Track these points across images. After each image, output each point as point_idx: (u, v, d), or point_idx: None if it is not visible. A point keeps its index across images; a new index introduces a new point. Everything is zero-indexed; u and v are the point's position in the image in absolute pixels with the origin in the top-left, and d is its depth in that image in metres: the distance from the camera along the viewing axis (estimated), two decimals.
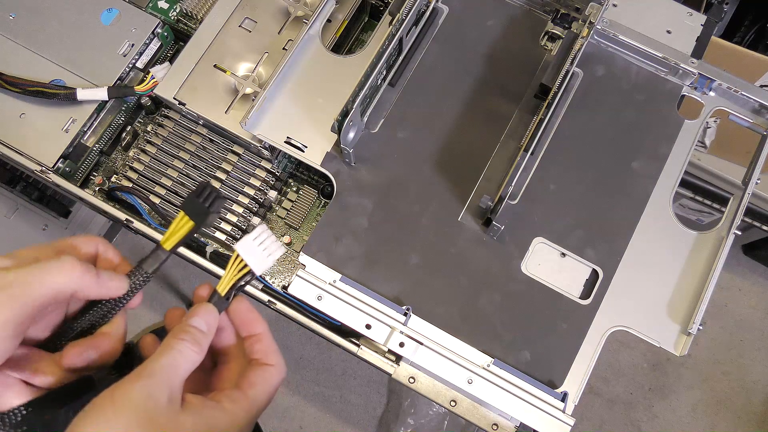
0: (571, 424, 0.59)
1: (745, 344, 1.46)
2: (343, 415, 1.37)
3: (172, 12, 0.79)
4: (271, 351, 0.40)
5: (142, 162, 0.72)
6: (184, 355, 0.35)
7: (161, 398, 0.33)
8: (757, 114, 0.68)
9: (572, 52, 0.65)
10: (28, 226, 1.11)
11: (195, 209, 0.39)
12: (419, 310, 0.62)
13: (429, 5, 0.69)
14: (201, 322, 0.38)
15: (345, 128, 0.62)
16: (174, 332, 0.37)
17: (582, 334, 0.62)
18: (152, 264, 0.39)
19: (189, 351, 0.36)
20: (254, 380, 0.38)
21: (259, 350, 0.40)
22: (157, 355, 0.35)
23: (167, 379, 0.34)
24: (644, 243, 0.65)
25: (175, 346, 0.36)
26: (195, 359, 0.36)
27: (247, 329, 0.41)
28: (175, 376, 0.34)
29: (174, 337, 0.36)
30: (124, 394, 0.32)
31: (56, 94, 0.70)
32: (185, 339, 0.36)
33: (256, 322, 0.41)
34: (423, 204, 0.65)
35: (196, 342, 0.36)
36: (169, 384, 0.34)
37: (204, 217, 0.39)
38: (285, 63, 0.66)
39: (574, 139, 0.68)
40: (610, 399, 1.42)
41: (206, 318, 0.38)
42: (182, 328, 0.37)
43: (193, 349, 0.36)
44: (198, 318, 0.38)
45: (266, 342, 0.40)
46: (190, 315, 0.38)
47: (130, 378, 0.33)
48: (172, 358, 0.35)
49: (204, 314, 0.38)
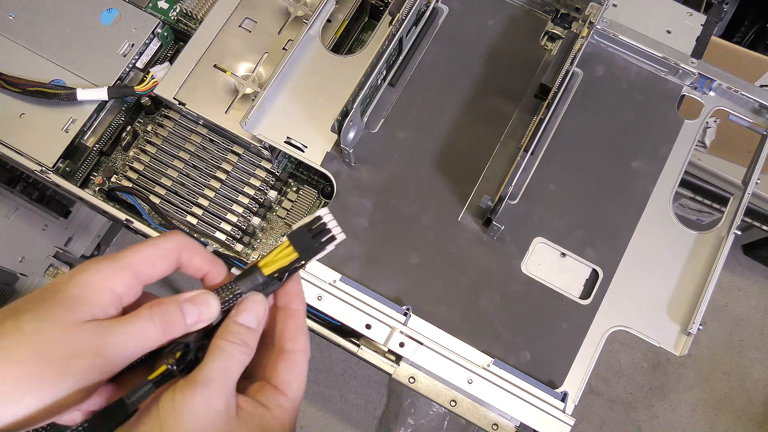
0: (571, 424, 0.58)
1: (745, 344, 1.46)
2: (343, 415, 1.37)
3: (172, 12, 0.79)
4: (301, 332, 0.37)
5: (142, 162, 0.72)
6: (237, 358, 0.34)
7: (219, 406, 0.32)
8: (757, 114, 0.68)
9: (572, 52, 0.65)
10: (28, 226, 1.11)
11: (303, 242, 0.36)
12: (419, 310, 0.62)
13: (429, 5, 0.69)
14: (250, 319, 0.36)
15: (345, 128, 0.62)
16: (223, 332, 0.35)
17: (582, 334, 0.62)
18: (247, 285, 0.36)
19: (240, 353, 0.34)
20: (290, 377, 0.36)
21: (291, 328, 0.37)
22: (208, 358, 0.33)
23: (223, 386, 0.33)
24: (644, 243, 0.65)
25: (226, 348, 0.34)
26: (245, 361, 0.35)
27: (285, 301, 0.38)
28: (230, 382, 0.33)
29: (224, 338, 0.34)
30: (184, 402, 0.31)
31: (56, 94, 0.70)
32: (233, 340, 0.34)
33: (297, 297, 0.38)
34: (423, 204, 0.65)
35: (245, 343, 0.35)
36: (225, 391, 0.33)
37: (310, 254, 0.37)
38: (285, 63, 0.66)
39: (574, 139, 0.68)
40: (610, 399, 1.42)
41: (256, 312, 0.36)
42: (231, 329, 0.35)
43: (244, 351, 0.34)
44: (246, 314, 0.36)
45: (300, 320, 0.38)
46: (238, 310, 0.36)
47: (188, 385, 0.32)
48: (225, 362, 0.34)
49: (253, 309, 0.36)
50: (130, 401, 0.32)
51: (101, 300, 0.32)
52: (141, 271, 0.34)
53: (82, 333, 0.31)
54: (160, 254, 0.35)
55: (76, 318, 0.31)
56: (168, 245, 0.35)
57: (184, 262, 0.36)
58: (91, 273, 0.33)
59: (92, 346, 0.31)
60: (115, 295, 0.33)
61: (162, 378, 0.33)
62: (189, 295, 0.35)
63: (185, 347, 0.34)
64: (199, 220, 0.70)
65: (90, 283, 0.32)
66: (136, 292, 0.35)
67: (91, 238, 1.31)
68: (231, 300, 0.36)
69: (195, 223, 0.70)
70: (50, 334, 0.30)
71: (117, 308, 0.33)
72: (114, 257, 0.34)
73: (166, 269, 0.35)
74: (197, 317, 0.34)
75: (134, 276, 0.34)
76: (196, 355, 0.34)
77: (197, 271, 0.37)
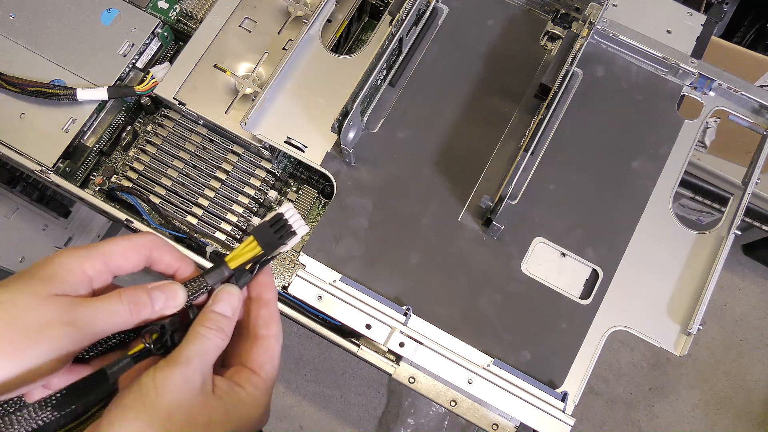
0: (571, 424, 0.59)
1: (745, 344, 1.46)
2: (343, 415, 1.37)
3: (172, 12, 0.79)
4: (273, 319, 0.40)
5: (142, 162, 0.72)
6: (213, 342, 0.37)
7: (196, 383, 0.35)
8: (757, 114, 0.68)
9: (572, 52, 0.65)
10: (28, 226, 1.11)
11: (265, 237, 0.40)
12: (419, 310, 0.62)
13: (429, 5, 0.69)
14: (226, 308, 0.39)
15: (345, 128, 0.62)
16: (201, 319, 0.38)
17: (582, 334, 0.62)
18: (215, 278, 0.40)
19: (216, 338, 0.37)
20: (263, 360, 0.39)
21: (264, 316, 0.40)
22: (187, 342, 0.36)
23: (200, 366, 0.35)
24: (644, 243, 0.65)
25: (203, 333, 0.37)
26: (221, 345, 0.38)
27: (258, 291, 0.41)
28: (207, 363, 0.36)
29: (201, 325, 0.37)
30: (165, 378, 0.34)
31: (56, 94, 0.70)
32: (211, 327, 0.37)
33: (268, 287, 0.41)
34: (423, 204, 0.65)
35: (221, 329, 0.38)
36: (202, 370, 0.35)
37: (272, 248, 0.40)
38: (285, 63, 0.66)
39: (574, 139, 0.68)
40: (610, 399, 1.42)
41: (230, 302, 0.39)
42: (208, 317, 0.38)
43: (220, 336, 0.37)
44: (222, 304, 0.39)
45: (272, 309, 0.41)
46: (214, 300, 0.39)
47: (168, 364, 0.35)
48: (202, 346, 0.36)
49: (228, 299, 0.39)
50: (110, 371, 0.35)
51: (72, 279, 0.35)
52: (112, 260, 0.37)
53: (54, 304, 0.33)
54: (132, 248, 0.38)
55: (48, 291, 0.34)
56: (140, 241, 0.38)
57: (155, 259, 0.39)
58: (66, 256, 0.36)
59: (64, 317, 0.33)
60: (85, 277, 0.36)
61: (140, 355, 0.36)
62: (158, 283, 0.38)
63: (161, 329, 0.37)
64: (199, 220, 0.70)
65: (63, 264, 0.35)
66: (106, 279, 0.37)
67: (91, 238, 1.31)
68: (199, 291, 0.39)
69: (195, 223, 0.70)
70: (24, 304, 0.33)
71: (87, 289, 0.36)
72: (88, 245, 0.37)
73: (136, 263, 0.38)
74: (164, 303, 0.37)
75: (105, 263, 0.37)
76: (172, 338, 0.37)
77: (167, 268, 0.40)
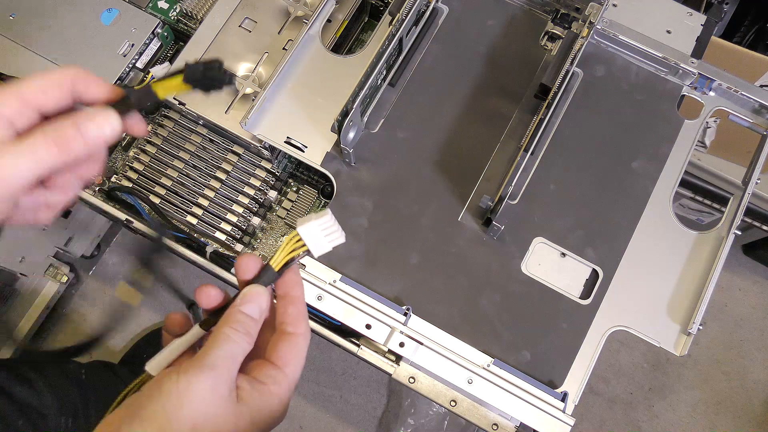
0: (571, 424, 0.58)
1: (745, 344, 1.46)
2: (343, 415, 1.37)
3: (172, 12, 0.79)
4: (301, 317, 0.39)
5: (142, 162, 0.72)
6: (240, 346, 0.35)
7: (224, 391, 0.33)
8: (757, 114, 0.68)
9: (572, 52, 0.65)
10: (27, 225, 1.11)
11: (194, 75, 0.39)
12: (419, 310, 0.62)
13: (429, 5, 0.69)
14: (254, 309, 0.37)
15: (345, 128, 0.62)
16: (227, 319, 0.36)
17: (582, 334, 0.62)
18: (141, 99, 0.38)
19: (243, 341, 0.35)
20: (289, 357, 0.37)
21: (292, 314, 0.38)
22: (214, 344, 0.34)
23: (227, 371, 0.34)
24: (644, 243, 0.65)
25: (230, 335, 0.35)
26: (247, 349, 0.36)
27: (285, 288, 0.39)
28: (234, 368, 0.34)
29: (227, 326, 0.35)
30: (189, 384, 0.32)
31: None
32: (238, 329, 0.35)
33: (296, 285, 0.40)
34: (423, 204, 0.65)
35: (248, 332, 0.36)
36: (229, 376, 0.34)
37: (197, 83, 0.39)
38: (285, 63, 0.66)
39: (574, 139, 0.68)
40: (610, 399, 1.42)
41: (259, 303, 0.37)
42: (236, 318, 0.36)
43: (246, 340, 0.36)
44: (251, 305, 0.37)
45: (300, 306, 0.39)
46: (243, 300, 0.37)
47: (194, 368, 0.33)
48: (230, 349, 0.34)
49: (256, 299, 0.37)
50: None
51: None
52: (31, 97, 0.34)
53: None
54: (51, 82, 0.35)
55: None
56: (58, 73, 0.35)
57: (81, 92, 0.36)
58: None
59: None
60: (3, 119, 0.33)
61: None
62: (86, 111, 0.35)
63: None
64: (199, 220, 0.70)
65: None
66: (29, 118, 0.34)
67: (91, 238, 1.31)
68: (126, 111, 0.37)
69: (195, 223, 0.70)
70: None
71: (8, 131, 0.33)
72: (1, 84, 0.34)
73: (59, 98, 0.35)
74: (97, 131, 0.35)
75: (22, 101, 0.34)
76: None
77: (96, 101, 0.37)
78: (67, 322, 1.35)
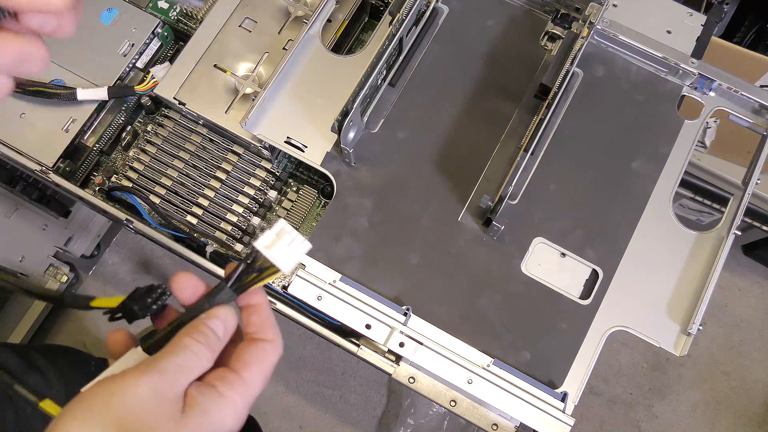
0: (571, 424, 0.58)
1: (745, 344, 1.46)
2: (343, 415, 1.37)
3: (172, 12, 0.79)
4: (267, 325, 0.37)
5: (142, 162, 0.72)
6: (198, 360, 0.33)
7: (167, 397, 0.31)
8: (757, 114, 0.68)
9: (572, 52, 0.65)
10: (28, 226, 1.11)
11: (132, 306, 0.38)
12: (419, 310, 0.62)
13: (429, 5, 0.69)
14: (220, 327, 0.35)
15: (345, 128, 0.62)
16: (190, 330, 0.34)
17: (582, 334, 0.62)
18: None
19: (202, 355, 0.33)
20: (249, 359, 0.35)
21: (256, 323, 0.37)
22: (169, 350, 0.33)
23: (176, 380, 0.32)
24: (644, 243, 0.65)
25: (190, 346, 0.33)
26: (204, 366, 0.34)
27: (245, 299, 0.38)
28: (185, 378, 0.32)
29: (190, 336, 0.34)
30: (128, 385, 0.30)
31: (56, 94, 0.70)
32: (201, 342, 0.34)
33: (255, 293, 0.38)
34: (423, 204, 0.65)
35: (210, 347, 0.34)
36: (177, 384, 0.32)
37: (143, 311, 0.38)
38: (285, 63, 0.66)
39: (574, 139, 0.68)
40: (610, 399, 1.42)
41: (226, 323, 0.35)
42: (200, 329, 0.34)
43: (206, 355, 0.34)
44: (218, 322, 0.35)
45: (263, 314, 0.37)
46: (211, 315, 0.35)
47: (140, 370, 0.31)
48: (186, 359, 0.33)
49: (224, 318, 0.36)
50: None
51: None
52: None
53: None
54: None
55: None
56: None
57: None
58: None
59: None
60: None
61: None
62: None
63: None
64: (199, 220, 0.70)
65: None
66: None
67: (91, 238, 1.31)
68: None
69: (195, 223, 0.70)
70: None
71: None
72: None
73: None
74: None
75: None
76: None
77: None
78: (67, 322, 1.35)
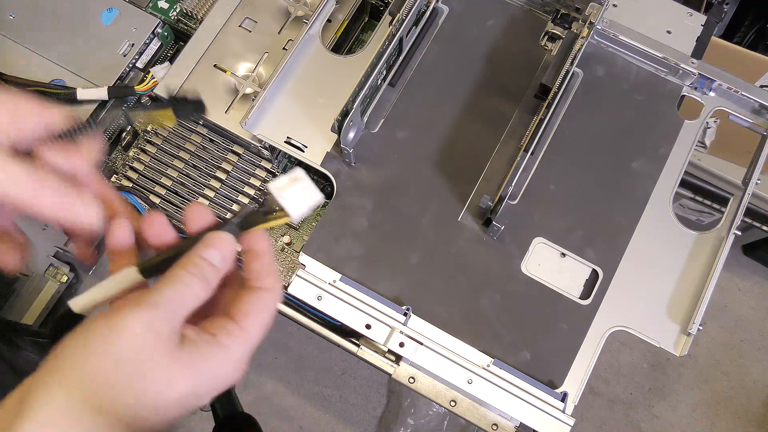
0: (571, 424, 0.58)
1: (745, 344, 1.46)
2: (343, 415, 1.37)
3: (172, 12, 0.79)
4: (267, 272, 0.36)
5: (142, 162, 0.72)
6: (192, 290, 0.32)
7: (161, 331, 0.30)
8: (757, 114, 0.68)
9: (572, 52, 0.65)
10: (28, 225, 1.11)
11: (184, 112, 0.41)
12: (419, 310, 0.62)
13: (429, 5, 0.69)
14: (216, 256, 0.34)
15: (345, 128, 0.62)
16: (184, 262, 0.33)
17: (582, 334, 0.62)
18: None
19: (197, 287, 0.32)
20: (248, 309, 0.34)
21: (255, 269, 0.36)
22: (161, 283, 0.32)
23: (170, 313, 0.31)
24: (644, 243, 0.65)
25: (183, 278, 0.32)
26: (202, 296, 0.33)
27: (248, 242, 0.36)
28: (180, 311, 0.31)
29: (183, 268, 0.33)
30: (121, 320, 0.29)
31: (56, 94, 0.70)
32: (194, 272, 0.33)
33: (259, 238, 0.37)
34: (423, 204, 0.65)
35: (205, 278, 0.33)
36: (171, 318, 0.31)
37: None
38: (285, 63, 0.66)
39: (574, 139, 0.68)
40: (610, 399, 1.42)
41: (222, 251, 0.34)
42: (193, 260, 0.33)
43: (201, 286, 0.33)
44: (212, 250, 0.34)
45: (265, 261, 0.36)
46: (205, 245, 0.34)
47: (131, 304, 0.30)
48: (178, 291, 0.32)
49: (220, 246, 0.34)
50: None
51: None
52: None
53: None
54: None
55: None
56: None
57: None
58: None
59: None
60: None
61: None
62: None
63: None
64: None
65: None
66: None
67: None
68: None
69: None
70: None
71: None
72: None
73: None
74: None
75: None
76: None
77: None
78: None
